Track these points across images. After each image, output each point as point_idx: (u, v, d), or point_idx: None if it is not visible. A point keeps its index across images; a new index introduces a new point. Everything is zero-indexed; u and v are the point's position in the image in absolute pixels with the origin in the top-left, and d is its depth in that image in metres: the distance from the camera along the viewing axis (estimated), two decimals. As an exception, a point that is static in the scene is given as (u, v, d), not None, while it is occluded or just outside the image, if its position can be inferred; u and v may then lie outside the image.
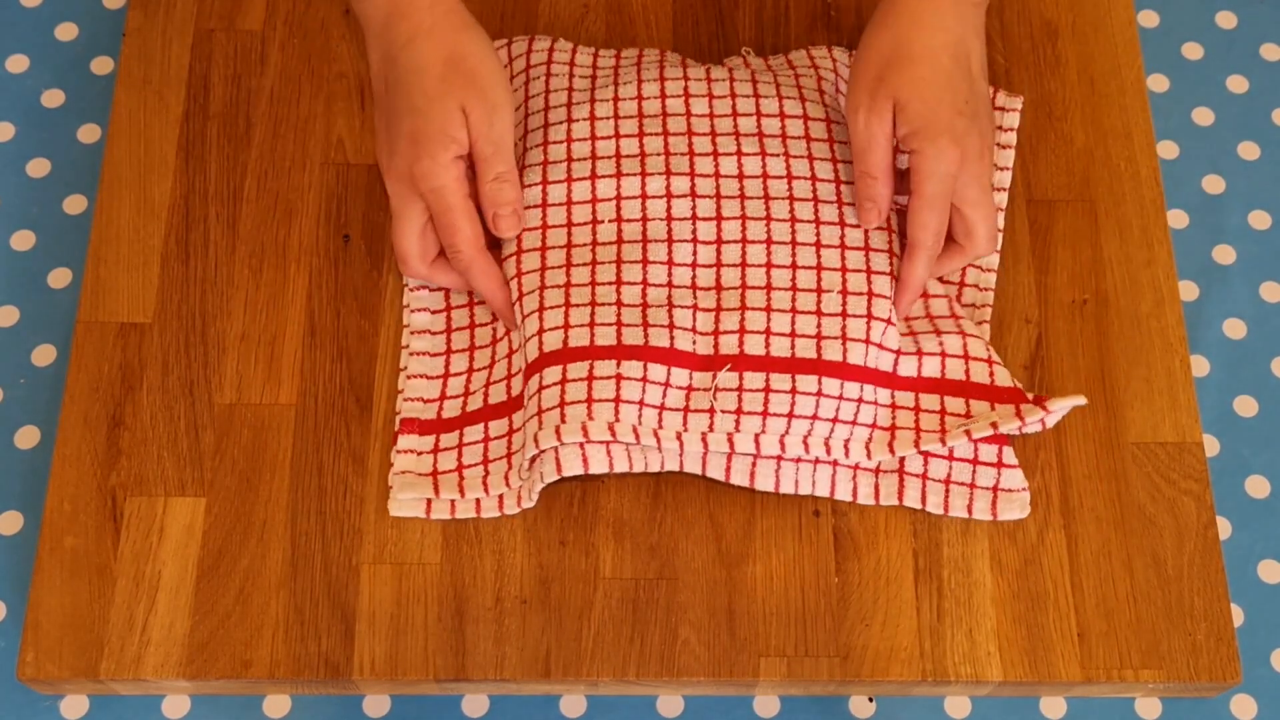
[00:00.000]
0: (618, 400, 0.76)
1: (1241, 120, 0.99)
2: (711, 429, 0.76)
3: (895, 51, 0.77)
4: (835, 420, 0.77)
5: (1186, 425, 0.82)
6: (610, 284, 0.79)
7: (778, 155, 0.82)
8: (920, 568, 0.78)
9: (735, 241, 0.80)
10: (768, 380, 0.77)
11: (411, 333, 0.82)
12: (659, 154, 0.82)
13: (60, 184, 0.93)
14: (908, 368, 0.79)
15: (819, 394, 0.77)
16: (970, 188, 0.78)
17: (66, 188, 0.93)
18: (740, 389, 0.77)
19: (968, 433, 0.76)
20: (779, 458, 0.77)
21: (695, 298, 0.78)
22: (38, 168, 0.94)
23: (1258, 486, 0.88)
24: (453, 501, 0.77)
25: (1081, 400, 0.77)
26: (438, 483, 0.77)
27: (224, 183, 0.86)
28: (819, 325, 0.78)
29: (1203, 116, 0.99)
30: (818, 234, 0.80)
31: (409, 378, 0.80)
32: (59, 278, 0.90)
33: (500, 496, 0.77)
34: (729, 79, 0.84)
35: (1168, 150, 0.98)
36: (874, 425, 0.78)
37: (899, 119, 0.76)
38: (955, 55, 0.77)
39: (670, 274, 0.79)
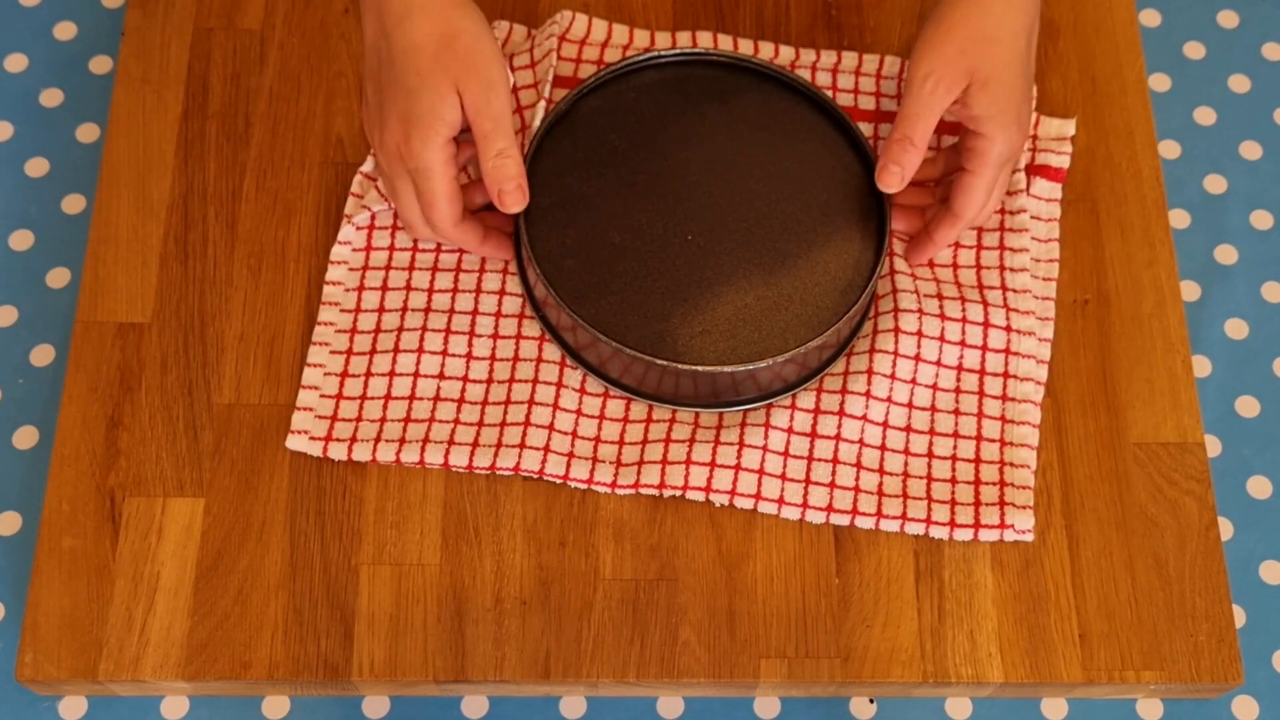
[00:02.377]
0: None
1: (1243, 120, 0.99)
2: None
3: (980, 29, 0.76)
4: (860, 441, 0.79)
5: (1188, 425, 0.81)
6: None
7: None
8: (921, 568, 0.78)
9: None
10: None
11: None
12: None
13: (59, 183, 0.93)
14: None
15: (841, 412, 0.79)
16: (1007, 171, 0.80)
17: (65, 187, 0.93)
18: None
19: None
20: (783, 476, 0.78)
21: None
22: (36, 167, 0.94)
23: (1260, 487, 0.88)
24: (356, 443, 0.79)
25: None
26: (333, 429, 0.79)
27: (223, 182, 0.85)
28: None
29: (1204, 116, 0.99)
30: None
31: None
32: (57, 277, 0.90)
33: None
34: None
35: (1169, 150, 0.98)
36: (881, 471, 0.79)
37: (975, 99, 0.76)
38: (1029, 39, 0.78)
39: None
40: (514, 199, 0.78)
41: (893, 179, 0.79)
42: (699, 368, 0.76)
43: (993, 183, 0.79)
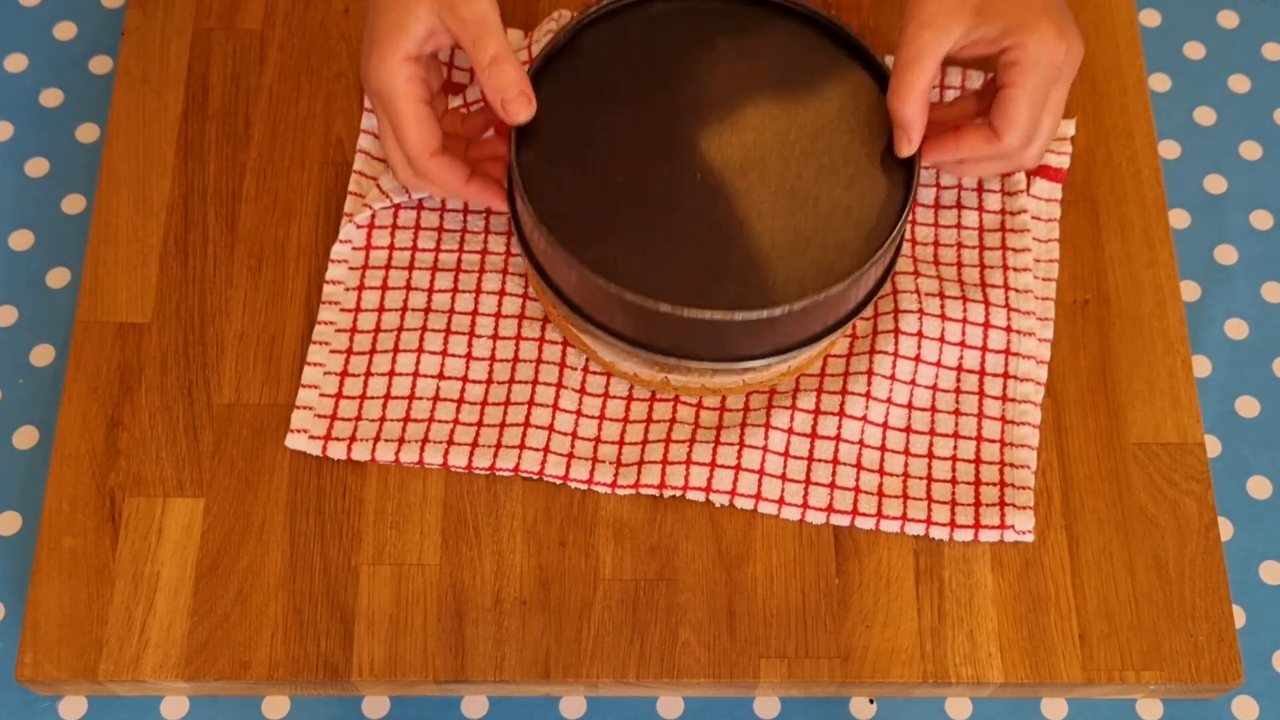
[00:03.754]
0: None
1: (1243, 120, 0.99)
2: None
3: None
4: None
5: (1188, 426, 0.81)
6: None
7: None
8: (921, 568, 0.78)
9: None
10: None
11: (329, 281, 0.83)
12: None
13: (59, 183, 0.93)
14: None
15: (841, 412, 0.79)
16: (1058, 92, 0.72)
17: (65, 187, 0.93)
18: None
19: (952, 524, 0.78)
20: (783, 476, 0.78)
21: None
22: (36, 167, 0.94)
23: (1259, 487, 0.88)
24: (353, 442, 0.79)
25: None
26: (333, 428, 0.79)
27: (223, 182, 0.85)
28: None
29: (1204, 116, 0.99)
30: None
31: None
32: (57, 277, 0.90)
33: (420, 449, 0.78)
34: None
35: (1169, 150, 0.98)
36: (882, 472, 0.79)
37: (984, 25, 0.70)
38: None
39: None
40: (518, 105, 0.71)
41: (900, 145, 0.73)
42: (704, 313, 0.70)
43: (1035, 100, 0.71)
